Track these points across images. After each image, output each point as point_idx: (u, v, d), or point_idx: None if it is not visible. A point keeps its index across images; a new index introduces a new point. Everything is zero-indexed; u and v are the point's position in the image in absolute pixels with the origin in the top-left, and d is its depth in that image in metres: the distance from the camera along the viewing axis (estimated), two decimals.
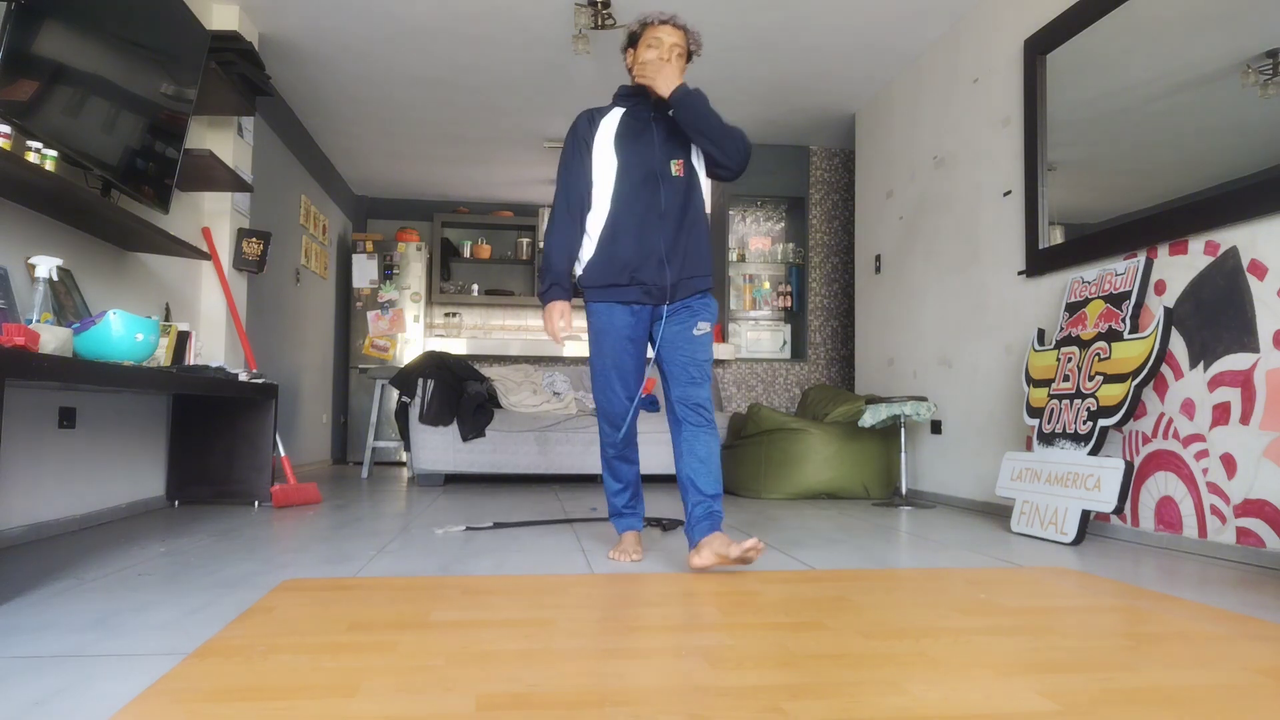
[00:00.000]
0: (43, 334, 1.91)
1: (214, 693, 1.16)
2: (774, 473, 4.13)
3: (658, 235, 2.19)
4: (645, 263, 2.19)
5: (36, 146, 2.30)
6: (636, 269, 2.19)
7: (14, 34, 2.12)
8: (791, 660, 1.33)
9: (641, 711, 1.10)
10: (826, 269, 5.79)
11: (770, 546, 2.55)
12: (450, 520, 3.07)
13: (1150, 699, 1.17)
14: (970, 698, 1.17)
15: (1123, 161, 2.98)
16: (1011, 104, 3.50)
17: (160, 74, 2.93)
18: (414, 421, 4.53)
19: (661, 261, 2.19)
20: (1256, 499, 2.31)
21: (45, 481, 2.62)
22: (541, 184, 6.89)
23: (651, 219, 2.19)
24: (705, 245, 2.26)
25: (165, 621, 1.56)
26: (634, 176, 2.21)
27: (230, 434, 3.47)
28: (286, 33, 4.12)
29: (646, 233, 2.19)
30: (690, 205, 2.23)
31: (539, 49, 4.31)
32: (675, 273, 2.20)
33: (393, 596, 1.78)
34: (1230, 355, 2.42)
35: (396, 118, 5.37)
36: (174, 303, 3.50)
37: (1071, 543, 2.64)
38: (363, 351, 6.70)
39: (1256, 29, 2.39)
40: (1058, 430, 2.91)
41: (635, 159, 2.22)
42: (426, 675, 1.24)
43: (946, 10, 3.87)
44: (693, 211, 2.23)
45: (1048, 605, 1.78)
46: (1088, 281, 2.97)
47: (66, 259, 2.69)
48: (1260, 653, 1.42)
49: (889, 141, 4.64)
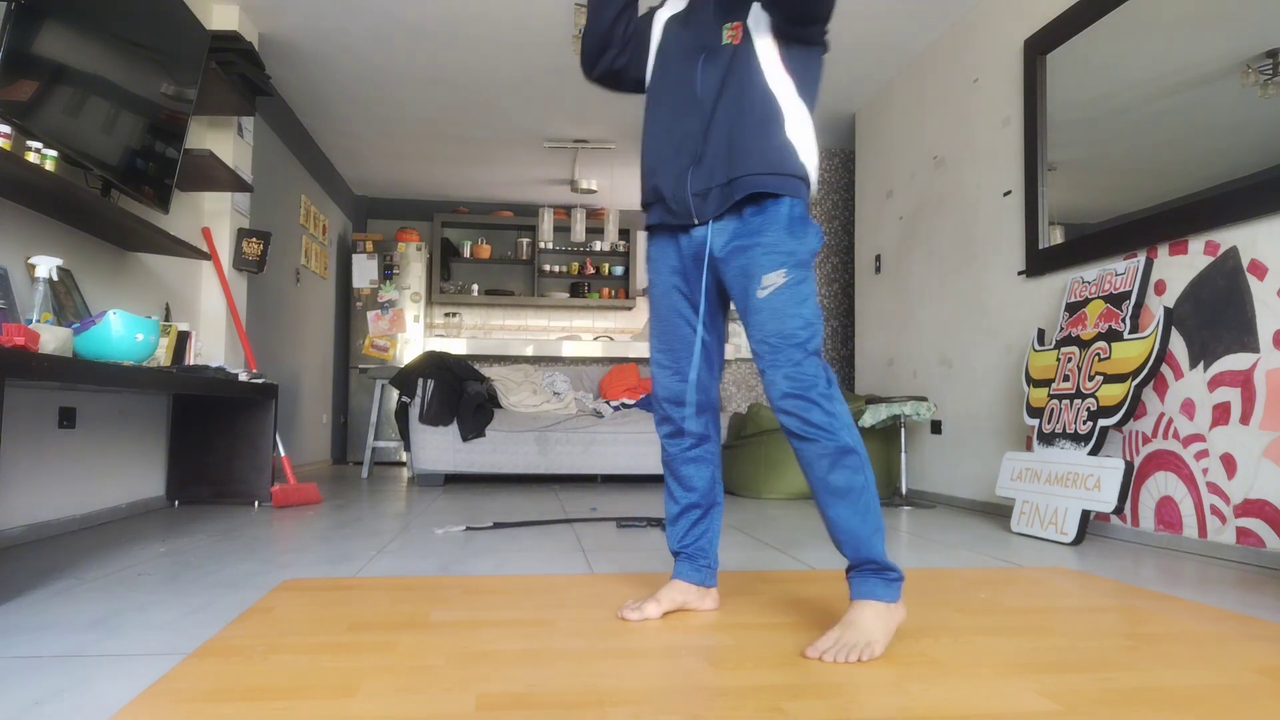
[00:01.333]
0: (43, 334, 1.91)
1: (214, 693, 1.16)
2: (774, 473, 4.13)
3: (686, 126, 1.56)
4: (665, 166, 1.59)
5: (36, 146, 2.30)
6: (658, 176, 1.60)
7: (14, 34, 2.12)
8: (791, 660, 1.33)
9: (641, 711, 1.10)
10: (826, 269, 5.79)
11: (770, 546, 2.55)
12: (450, 520, 3.07)
13: (1150, 699, 1.17)
14: (970, 698, 1.17)
15: (1123, 161, 2.98)
16: (1011, 104, 3.50)
17: (160, 74, 2.93)
18: (414, 421, 4.53)
19: (687, 162, 1.55)
20: (1256, 499, 2.31)
21: (45, 481, 2.62)
22: (541, 184, 6.89)
23: (683, 106, 1.58)
24: (763, 131, 1.50)
25: (165, 621, 1.56)
26: (671, 53, 1.63)
27: (230, 434, 3.47)
28: (286, 33, 4.12)
29: (673, 125, 1.59)
30: (735, 77, 1.52)
31: (539, 49, 4.31)
32: (704, 176, 1.53)
33: (393, 596, 1.78)
34: (1230, 355, 2.42)
35: (396, 118, 5.37)
36: (174, 303, 3.50)
37: (1071, 543, 2.64)
38: (363, 351, 6.70)
39: (1256, 29, 2.39)
40: (1058, 430, 2.91)
41: (678, 30, 1.64)
42: (426, 675, 1.24)
43: (946, 10, 3.86)
44: (737, 86, 1.51)
45: (1048, 605, 1.78)
46: (1088, 281, 2.97)
47: (66, 259, 2.69)
48: (1260, 653, 1.42)
49: (889, 141, 4.64)
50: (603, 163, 6.25)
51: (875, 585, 1.42)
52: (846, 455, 1.43)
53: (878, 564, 1.43)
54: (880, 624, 1.39)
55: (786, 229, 1.49)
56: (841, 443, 1.42)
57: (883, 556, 1.43)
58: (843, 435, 1.43)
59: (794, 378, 1.44)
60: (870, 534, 1.43)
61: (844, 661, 1.31)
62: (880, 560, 1.43)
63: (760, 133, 1.51)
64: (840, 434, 1.43)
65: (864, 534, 1.43)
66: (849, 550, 1.45)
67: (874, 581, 1.43)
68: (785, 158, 1.50)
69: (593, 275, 7.78)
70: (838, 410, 1.45)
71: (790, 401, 1.44)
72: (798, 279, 1.48)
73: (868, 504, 1.43)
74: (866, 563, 1.43)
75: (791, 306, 1.46)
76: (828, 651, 1.33)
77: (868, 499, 1.43)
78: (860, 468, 1.44)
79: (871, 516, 1.43)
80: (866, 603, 1.42)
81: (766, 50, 1.53)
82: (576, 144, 5.80)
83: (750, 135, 1.51)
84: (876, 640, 1.36)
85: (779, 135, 1.51)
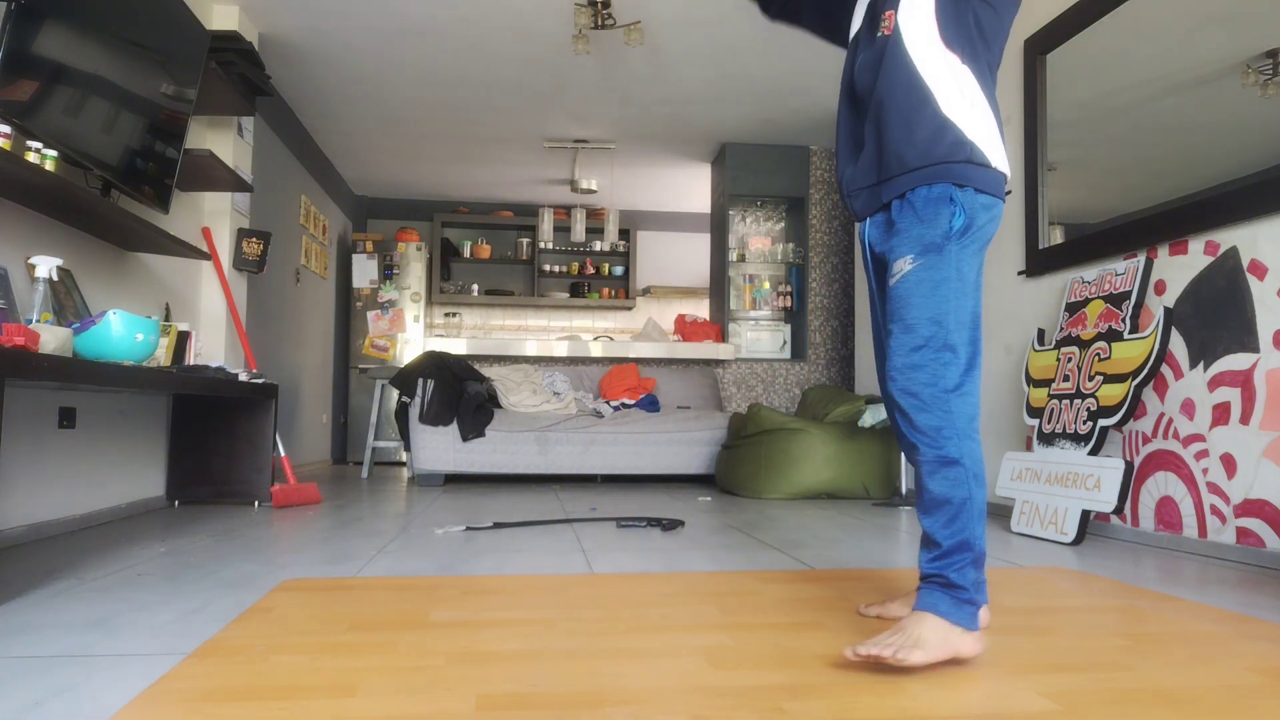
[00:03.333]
0: (43, 334, 1.91)
1: (214, 693, 1.16)
2: (774, 473, 4.13)
3: (845, 119, 1.59)
4: (839, 158, 1.61)
5: (36, 146, 2.30)
6: (839, 170, 1.61)
7: (14, 34, 2.12)
8: (791, 660, 1.33)
9: (641, 711, 1.10)
10: (826, 269, 5.79)
11: (770, 546, 2.55)
12: (450, 520, 3.07)
13: (1150, 699, 1.17)
14: (970, 698, 1.17)
15: (1123, 161, 2.98)
16: (1011, 104, 3.50)
17: (160, 74, 2.93)
18: (414, 421, 4.53)
19: (847, 159, 1.58)
20: (1256, 499, 2.31)
21: (45, 481, 2.62)
22: (541, 184, 6.89)
23: (846, 98, 1.60)
24: (909, 123, 1.44)
25: (165, 621, 1.56)
26: (849, 47, 1.62)
27: (230, 434, 3.46)
28: (286, 33, 4.12)
29: (842, 122, 1.61)
30: (886, 71, 1.46)
31: (539, 49, 4.31)
32: (859, 173, 1.52)
33: (393, 596, 1.78)
34: (1230, 355, 2.42)
35: (396, 117, 5.37)
36: (174, 303, 3.50)
37: (1071, 543, 2.64)
38: (363, 351, 6.70)
39: (1256, 29, 2.39)
40: (1058, 430, 2.91)
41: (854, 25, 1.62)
42: (426, 675, 1.24)
43: None
44: (887, 81, 1.46)
45: (1048, 605, 1.77)
46: (1088, 281, 2.97)
47: (66, 259, 2.69)
48: (1260, 653, 1.41)
49: None
50: (603, 163, 6.25)
51: (939, 599, 1.32)
52: (934, 448, 1.35)
53: (945, 580, 1.33)
54: (935, 637, 1.27)
55: (917, 214, 1.42)
56: (938, 437, 1.34)
57: (958, 576, 1.32)
58: (941, 431, 1.34)
59: (913, 367, 1.36)
60: (953, 549, 1.33)
61: (877, 658, 1.23)
62: (952, 578, 1.32)
63: (905, 127, 1.43)
64: (941, 430, 1.34)
65: (947, 547, 1.33)
66: (922, 558, 1.37)
67: (939, 595, 1.32)
68: (932, 146, 1.41)
69: (593, 275, 7.78)
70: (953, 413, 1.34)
71: (909, 392, 1.36)
72: (927, 264, 1.38)
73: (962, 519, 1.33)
74: (935, 576, 1.34)
75: (924, 294, 1.38)
76: (866, 648, 1.25)
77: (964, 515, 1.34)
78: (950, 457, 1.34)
79: (958, 530, 1.33)
80: (926, 614, 1.31)
81: (920, 31, 1.44)
82: (576, 144, 5.80)
83: (894, 134, 1.44)
84: (922, 648, 1.24)
85: (928, 122, 1.42)
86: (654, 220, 7.86)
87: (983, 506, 1.36)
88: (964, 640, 1.30)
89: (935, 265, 1.39)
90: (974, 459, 1.35)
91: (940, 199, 1.41)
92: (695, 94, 4.93)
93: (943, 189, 1.41)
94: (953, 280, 1.39)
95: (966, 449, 1.35)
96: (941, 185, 1.41)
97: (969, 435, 1.35)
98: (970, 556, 1.33)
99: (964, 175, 1.41)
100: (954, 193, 1.41)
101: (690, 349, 5.50)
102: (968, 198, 1.41)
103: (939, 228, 1.40)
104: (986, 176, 1.44)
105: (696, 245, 7.81)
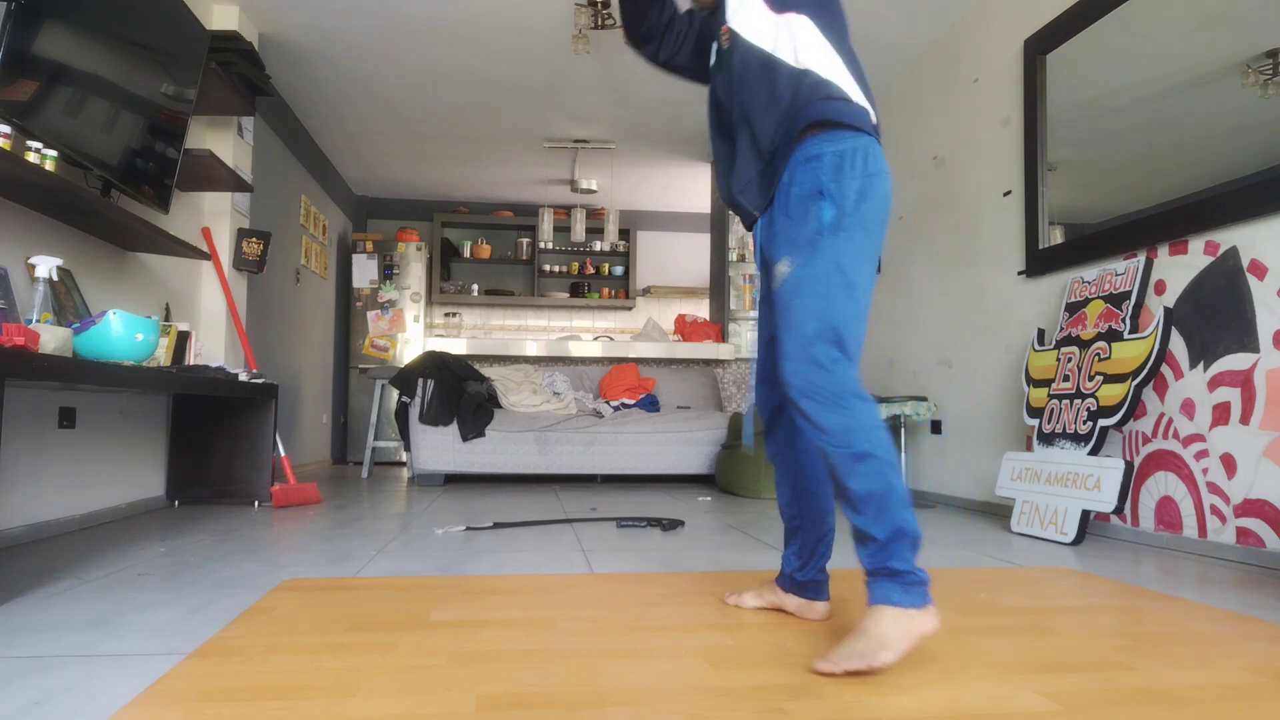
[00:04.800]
0: (43, 334, 1.91)
1: (214, 693, 1.16)
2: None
3: (723, 149, 1.62)
4: (722, 180, 1.63)
5: (36, 146, 2.30)
6: (721, 186, 1.65)
7: (14, 34, 2.12)
8: (791, 660, 1.33)
9: (641, 711, 1.10)
10: None
11: (770, 546, 2.55)
12: (450, 520, 3.07)
13: (1150, 699, 1.17)
14: (970, 698, 1.17)
15: (1123, 161, 2.98)
16: (1011, 104, 3.50)
17: (160, 74, 2.93)
18: (414, 421, 4.53)
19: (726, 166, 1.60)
20: (1256, 499, 2.31)
21: (45, 481, 2.62)
22: (541, 184, 6.89)
23: (717, 131, 1.65)
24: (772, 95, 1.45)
25: (165, 621, 1.56)
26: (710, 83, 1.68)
27: (230, 434, 3.47)
28: (286, 33, 4.12)
29: (719, 153, 1.65)
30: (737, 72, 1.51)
31: (539, 49, 4.31)
32: (742, 168, 1.53)
33: (393, 596, 1.78)
34: (1230, 355, 2.42)
35: (396, 118, 5.37)
36: (174, 303, 3.50)
37: (1071, 543, 2.64)
38: (363, 351, 6.70)
39: (1256, 29, 2.39)
40: (1058, 430, 2.91)
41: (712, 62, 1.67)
42: (426, 675, 1.24)
43: (946, 10, 3.86)
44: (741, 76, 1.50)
45: (1048, 605, 1.77)
46: (1088, 281, 2.97)
47: (66, 259, 2.69)
48: (1260, 653, 1.42)
49: (889, 141, 4.63)
50: (603, 163, 6.25)
51: (890, 589, 1.32)
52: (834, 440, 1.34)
53: (889, 570, 1.32)
54: (895, 630, 1.28)
55: (789, 213, 1.43)
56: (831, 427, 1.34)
57: (901, 563, 1.32)
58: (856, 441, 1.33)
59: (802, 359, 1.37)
60: (890, 539, 1.32)
61: (854, 670, 1.23)
62: (895, 567, 1.32)
63: (770, 99, 1.46)
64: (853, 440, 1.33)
65: (884, 539, 1.32)
66: (862, 555, 1.36)
67: (888, 586, 1.32)
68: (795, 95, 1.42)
69: (593, 275, 7.78)
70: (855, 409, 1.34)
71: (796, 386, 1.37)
72: (804, 263, 1.38)
73: (889, 508, 1.33)
74: (879, 569, 1.33)
75: (801, 286, 1.38)
76: (838, 663, 1.25)
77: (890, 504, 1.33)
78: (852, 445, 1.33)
79: (888, 520, 1.33)
80: (882, 608, 1.31)
81: (752, 17, 1.50)
82: (576, 144, 5.80)
83: (761, 112, 1.47)
84: (889, 646, 1.25)
85: (785, 81, 1.44)
86: (654, 220, 7.86)
87: (904, 489, 1.35)
88: (923, 619, 1.30)
89: (811, 262, 1.38)
90: (884, 447, 1.34)
91: (810, 196, 1.39)
92: (695, 94, 4.91)
93: (812, 181, 1.40)
94: (833, 275, 1.37)
95: (875, 439, 1.34)
96: (819, 141, 1.40)
97: (873, 423, 1.35)
98: (908, 541, 1.33)
99: (825, 111, 1.41)
100: (823, 184, 1.39)
101: (690, 349, 5.50)
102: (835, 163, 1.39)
103: (809, 225, 1.39)
104: (849, 110, 1.43)
105: (696, 245, 7.80)
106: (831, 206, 1.38)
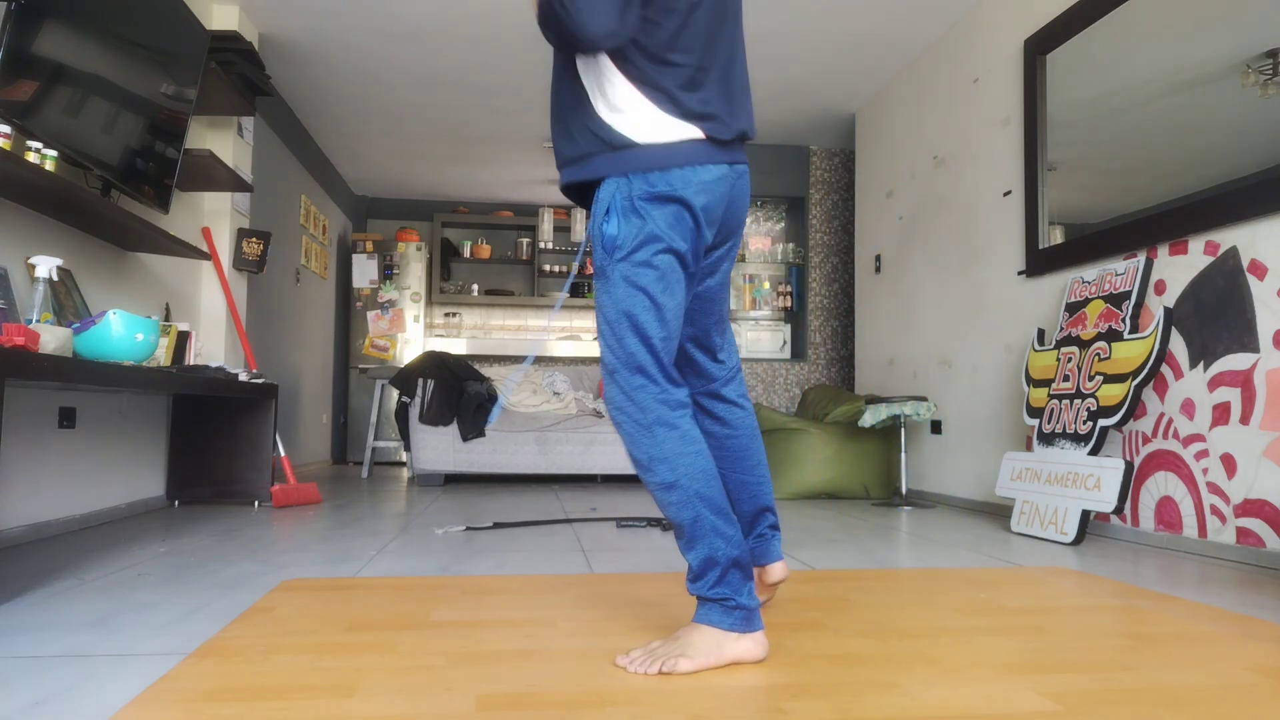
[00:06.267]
0: (43, 334, 1.91)
1: (214, 693, 1.16)
2: (774, 473, 4.13)
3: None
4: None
5: (36, 146, 2.30)
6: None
7: (14, 34, 2.12)
8: (791, 660, 1.33)
9: (641, 711, 1.10)
10: (826, 269, 5.79)
11: None
12: (450, 520, 3.07)
13: (1150, 699, 1.17)
14: (970, 698, 1.17)
15: (1123, 161, 2.98)
16: (1011, 104, 3.50)
17: (160, 74, 2.93)
18: (414, 421, 4.53)
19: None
20: (1256, 499, 2.31)
21: (45, 481, 2.62)
22: (541, 184, 6.89)
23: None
24: (567, 121, 1.39)
25: (165, 621, 1.56)
26: None
27: (230, 434, 3.47)
28: (286, 33, 4.12)
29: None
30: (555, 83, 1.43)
31: (539, 49, 4.31)
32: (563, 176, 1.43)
33: (393, 596, 1.78)
34: (1230, 355, 2.42)
35: (396, 117, 5.37)
36: (174, 303, 3.50)
37: (1071, 543, 2.64)
38: (363, 351, 6.70)
39: (1256, 29, 2.39)
40: (1058, 430, 2.91)
41: None
42: (426, 675, 1.24)
43: (946, 10, 3.86)
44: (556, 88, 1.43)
45: (1048, 605, 1.77)
46: (1088, 281, 2.97)
47: (66, 259, 2.69)
48: (1260, 653, 1.42)
49: (889, 141, 4.64)
50: None
51: (709, 610, 1.31)
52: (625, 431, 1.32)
53: (705, 596, 1.31)
54: (705, 644, 1.28)
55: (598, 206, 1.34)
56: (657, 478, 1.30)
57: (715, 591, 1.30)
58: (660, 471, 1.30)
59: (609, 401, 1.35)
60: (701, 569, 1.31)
61: (643, 672, 1.24)
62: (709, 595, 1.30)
63: (562, 120, 1.39)
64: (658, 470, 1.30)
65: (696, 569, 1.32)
66: (686, 578, 1.35)
67: (708, 607, 1.31)
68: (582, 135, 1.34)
69: (592, 275, 7.77)
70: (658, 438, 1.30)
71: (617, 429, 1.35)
72: (600, 289, 1.34)
73: (699, 539, 1.30)
74: (698, 595, 1.33)
75: (599, 320, 1.35)
76: (637, 662, 1.27)
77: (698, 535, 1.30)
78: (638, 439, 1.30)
79: (698, 551, 1.30)
80: (698, 624, 1.31)
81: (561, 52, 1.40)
82: None
83: (557, 126, 1.40)
84: (689, 655, 1.26)
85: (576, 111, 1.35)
86: None
87: (714, 521, 1.30)
88: (740, 644, 1.29)
89: (605, 289, 1.34)
90: (689, 474, 1.30)
91: (594, 231, 1.35)
92: None
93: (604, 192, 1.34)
94: (623, 300, 1.31)
95: (681, 467, 1.29)
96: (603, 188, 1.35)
97: (679, 452, 1.30)
98: (718, 571, 1.30)
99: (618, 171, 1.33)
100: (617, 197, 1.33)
101: None
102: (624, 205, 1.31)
103: (598, 253, 1.34)
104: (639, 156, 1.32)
105: None
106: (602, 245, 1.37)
